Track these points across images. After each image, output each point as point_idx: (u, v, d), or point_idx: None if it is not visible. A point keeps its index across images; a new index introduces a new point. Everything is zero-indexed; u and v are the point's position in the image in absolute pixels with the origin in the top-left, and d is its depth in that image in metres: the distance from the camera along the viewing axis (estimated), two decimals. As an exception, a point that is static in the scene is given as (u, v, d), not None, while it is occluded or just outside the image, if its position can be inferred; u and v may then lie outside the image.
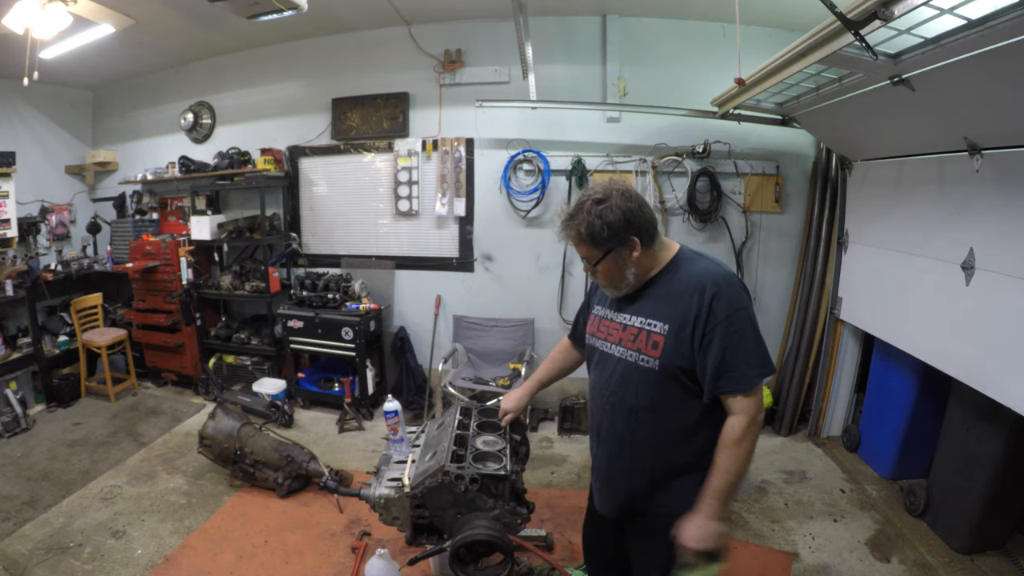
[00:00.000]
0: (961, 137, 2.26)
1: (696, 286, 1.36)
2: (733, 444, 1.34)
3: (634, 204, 1.39)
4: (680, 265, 1.45)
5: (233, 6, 2.80)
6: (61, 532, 2.72)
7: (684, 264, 1.44)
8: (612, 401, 1.50)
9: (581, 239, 1.42)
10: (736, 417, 1.34)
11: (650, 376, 1.41)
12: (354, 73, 4.36)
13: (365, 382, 4.07)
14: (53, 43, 3.39)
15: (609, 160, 3.97)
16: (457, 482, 1.63)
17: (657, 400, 1.42)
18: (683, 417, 1.42)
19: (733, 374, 1.32)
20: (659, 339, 1.39)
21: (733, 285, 1.37)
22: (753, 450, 1.36)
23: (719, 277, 1.37)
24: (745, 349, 1.33)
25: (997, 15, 1.55)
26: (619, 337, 1.49)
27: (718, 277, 1.37)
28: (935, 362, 2.56)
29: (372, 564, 2.13)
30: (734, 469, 1.34)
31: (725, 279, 1.37)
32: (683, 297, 1.38)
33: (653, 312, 1.43)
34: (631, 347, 1.44)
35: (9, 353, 4.08)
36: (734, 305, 1.34)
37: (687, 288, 1.38)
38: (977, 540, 2.49)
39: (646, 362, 1.41)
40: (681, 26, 3.84)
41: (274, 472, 3.03)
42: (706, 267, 1.42)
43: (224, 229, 4.46)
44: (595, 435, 1.63)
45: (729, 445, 1.34)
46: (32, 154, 4.83)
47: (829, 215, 3.66)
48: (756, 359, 1.34)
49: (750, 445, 1.35)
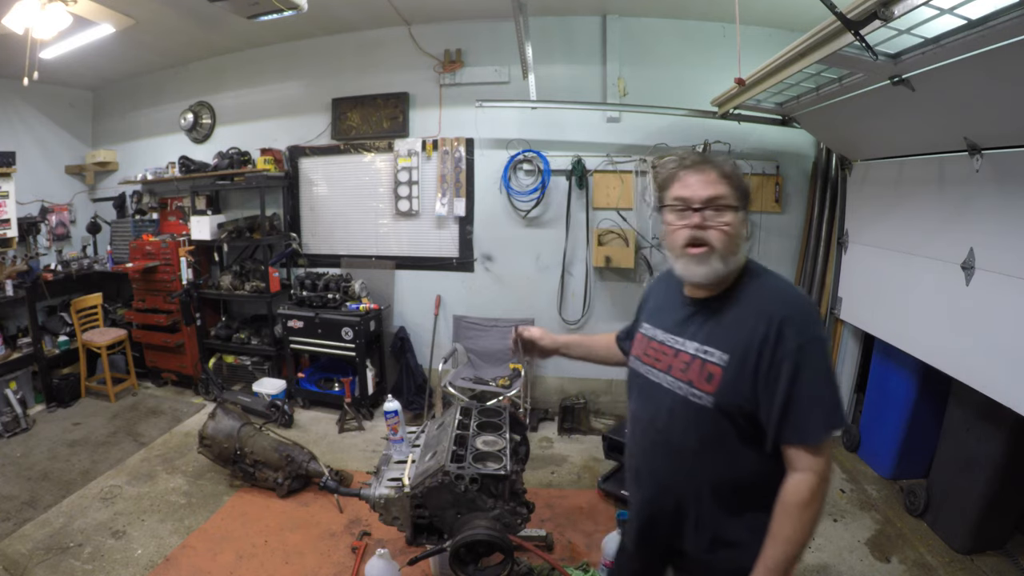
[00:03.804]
0: (961, 137, 2.26)
1: (766, 310, 1.14)
2: (798, 508, 1.09)
3: None
4: (750, 281, 1.22)
5: (233, 6, 2.80)
6: (61, 532, 2.72)
7: (755, 281, 1.22)
8: (656, 440, 1.29)
9: (726, 175, 1.19)
10: (801, 475, 1.09)
11: (702, 415, 1.17)
12: (354, 73, 4.36)
13: (365, 382, 4.07)
14: (53, 43, 3.38)
15: (609, 160, 3.97)
16: (457, 482, 1.63)
17: (708, 444, 1.19)
18: (737, 469, 1.19)
19: (800, 420, 1.09)
20: (715, 371, 1.16)
21: (809, 310, 1.17)
22: (819, 518, 1.11)
23: (793, 299, 1.16)
24: (816, 389, 1.09)
25: (997, 15, 1.55)
26: (668, 364, 1.26)
27: (792, 299, 1.16)
28: (935, 362, 2.56)
29: (372, 564, 2.13)
30: (797, 539, 1.09)
31: (801, 302, 1.16)
32: (748, 321, 1.15)
33: (711, 337, 1.19)
34: (682, 377, 1.22)
35: (9, 353, 4.08)
36: (807, 333, 1.11)
37: (756, 310, 1.16)
38: (977, 540, 2.49)
39: (698, 398, 1.18)
40: (681, 26, 3.84)
41: (274, 472, 3.03)
42: (781, 288, 1.20)
43: (224, 229, 4.46)
44: (633, 477, 1.42)
45: (793, 509, 1.09)
46: (32, 154, 4.82)
47: (829, 215, 3.66)
48: (828, 404, 1.10)
49: (817, 511, 1.10)
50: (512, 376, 3.84)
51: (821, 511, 1.11)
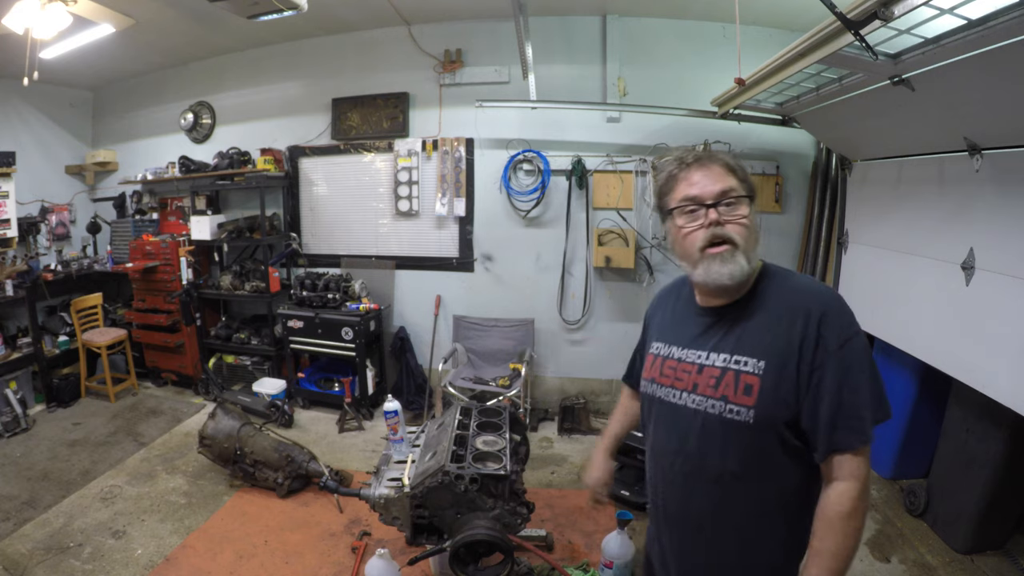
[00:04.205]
0: (961, 137, 2.26)
1: (798, 308, 1.06)
2: (842, 520, 1.00)
3: None
4: (770, 282, 1.13)
5: (233, 6, 2.80)
6: (61, 532, 2.72)
7: (776, 280, 1.13)
8: (686, 468, 1.15)
9: (732, 167, 1.12)
10: (844, 484, 1.01)
11: (743, 432, 1.06)
12: (354, 73, 4.36)
13: (365, 382, 4.07)
14: (53, 43, 3.38)
15: (609, 160, 3.97)
16: (457, 482, 1.64)
17: (751, 464, 1.08)
18: (783, 487, 1.09)
19: (852, 422, 1.01)
20: (753, 381, 1.05)
21: (843, 307, 1.07)
22: (864, 525, 1.03)
23: (826, 296, 1.08)
24: (863, 388, 1.03)
25: (997, 15, 1.54)
26: (693, 382, 1.14)
27: (825, 296, 1.07)
28: (935, 362, 2.56)
29: (372, 564, 2.13)
30: (844, 554, 1.00)
31: (833, 298, 1.08)
32: (781, 323, 1.06)
33: (741, 344, 1.09)
34: (714, 394, 1.10)
35: (9, 353, 4.08)
36: (847, 330, 1.04)
37: (785, 311, 1.07)
38: (977, 540, 2.49)
39: (736, 413, 1.06)
40: (681, 26, 3.84)
41: (274, 472, 3.03)
42: (807, 284, 1.12)
43: (224, 229, 4.46)
44: (658, 515, 1.26)
45: (837, 521, 1.00)
46: (32, 154, 4.82)
47: (829, 215, 3.65)
48: (876, 400, 1.04)
49: (862, 520, 1.02)
50: (512, 376, 3.84)
51: (864, 521, 1.03)
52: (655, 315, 1.37)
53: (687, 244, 1.13)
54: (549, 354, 4.26)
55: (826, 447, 1.02)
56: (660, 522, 1.26)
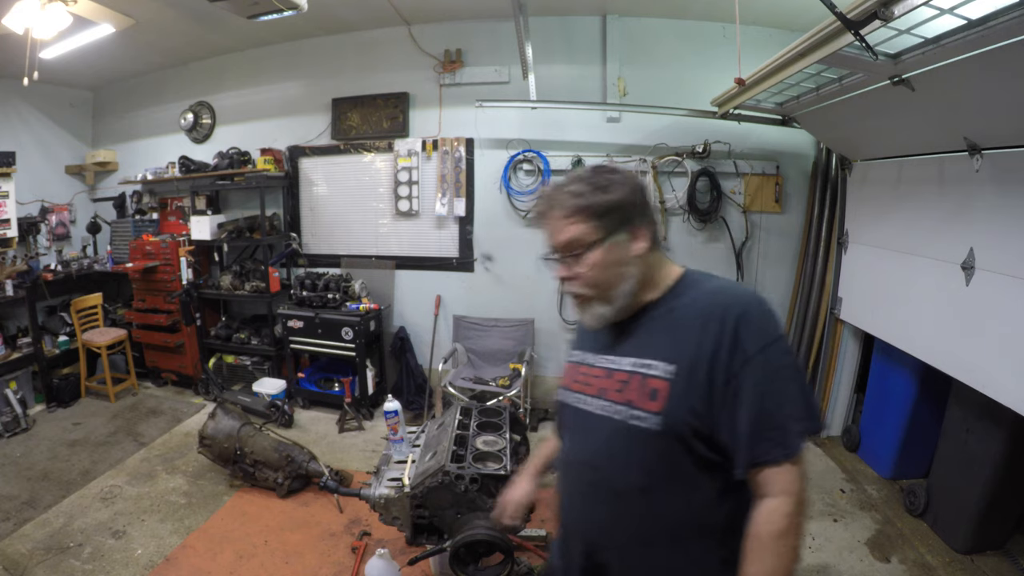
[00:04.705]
0: (961, 137, 2.26)
1: (713, 310, 0.98)
2: (774, 539, 0.90)
3: (643, 190, 1.08)
4: (688, 289, 1.06)
5: (233, 6, 2.80)
6: (61, 532, 2.72)
7: (693, 287, 1.06)
8: (589, 480, 1.06)
9: (569, 212, 1.02)
10: (775, 500, 0.91)
11: (647, 440, 0.97)
12: (354, 73, 4.36)
13: (365, 382, 4.07)
14: (53, 43, 3.38)
15: (609, 160, 3.97)
16: (457, 482, 1.64)
17: (657, 477, 0.98)
18: (694, 505, 0.99)
19: (776, 434, 0.91)
20: (660, 385, 0.97)
21: (763, 308, 0.98)
22: (800, 547, 0.93)
23: (745, 297, 0.99)
24: (789, 396, 0.93)
25: (997, 15, 1.55)
26: (600, 387, 1.06)
27: (744, 298, 0.99)
28: (935, 362, 2.56)
29: (372, 564, 2.13)
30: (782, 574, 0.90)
31: (753, 300, 0.99)
32: (694, 326, 0.98)
33: (650, 348, 1.02)
34: (619, 399, 1.02)
35: (9, 353, 4.08)
36: (769, 334, 0.95)
37: (700, 313, 0.99)
38: (977, 540, 2.49)
39: (641, 419, 0.97)
40: (681, 26, 3.84)
41: (274, 472, 3.03)
42: (725, 286, 1.04)
43: (224, 229, 4.46)
44: (563, 534, 1.16)
45: (769, 542, 0.91)
46: (32, 154, 4.82)
47: (829, 215, 3.65)
48: (803, 408, 0.94)
49: (797, 538, 0.92)
50: (512, 376, 3.84)
51: (800, 539, 0.93)
52: (579, 325, 1.28)
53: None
54: (549, 354, 4.26)
55: (746, 461, 0.93)
56: (567, 536, 1.15)
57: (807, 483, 0.94)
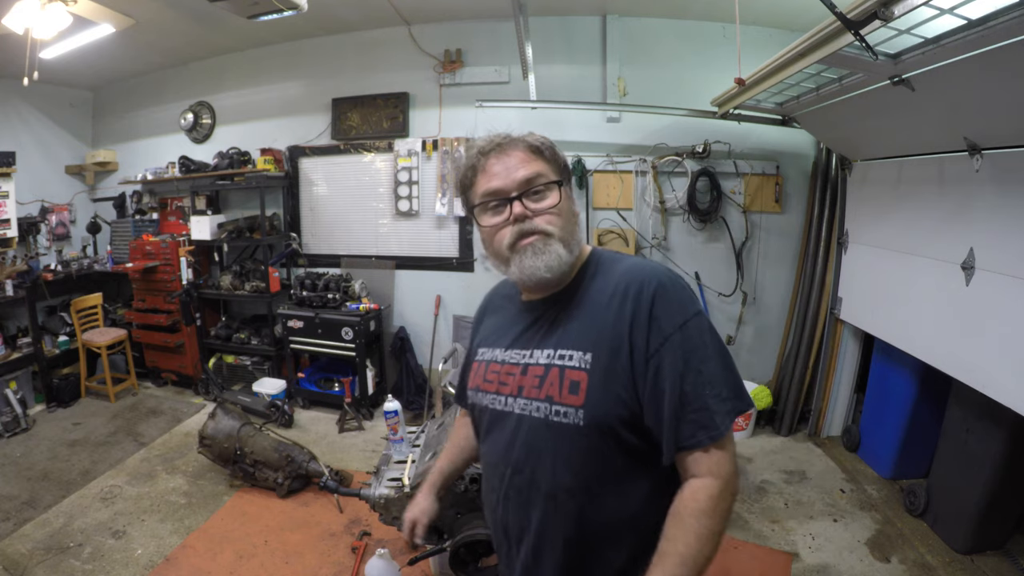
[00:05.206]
0: (961, 137, 2.26)
1: (625, 290, 0.93)
2: (695, 516, 0.85)
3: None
4: (598, 268, 1.02)
5: (233, 6, 2.80)
6: (61, 532, 2.72)
7: (603, 266, 1.02)
8: (517, 484, 0.99)
9: (532, 149, 1.00)
10: (700, 480, 0.87)
11: (572, 436, 0.92)
12: (354, 73, 4.36)
13: (365, 382, 4.07)
14: (53, 43, 3.38)
15: (609, 160, 3.97)
16: (457, 482, 1.64)
17: (586, 475, 0.93)
18: (629, 499, 0.94)
19: (697, 414, 0.87)
20: (579, 377, 0.92)
21: (678, 284, 0.95)
22: (722, 533, 0.87)
23: (657, 274, 0.94)
24: (710, 373, 0.89)
25: (997, 15, 1.55)
26: (518, 384, 0.99)
27: (656, 274, 0.94)
28: (935, 362, 2.56)
29: (372, 564, 2.13)
30: (695, 559, 0.84)
31: (666, 276, 0.95)
32: (609, 308, 0.94)
33: (565, 337, 0.96)
34: (538, 396, 0.96)
35: (9, 353, 4.08)
36: (686, 310, 0.91)
37: (612, 294, 0.94)
38: (977, 540, 2.49)
39: (564, 415, 0.92)
40: (681, 26, 3.84)
41: (274, 472, 3.03)
42: (635, 264, 0.99)
43: (224, 229, 4.46)
44: (502, 539, 1.07)
45: (689, 518, 0.86)
46: (32, 154, 4.82)
47: (829, 215, 3.65)
48: (728, 387, 0.90)
49: (722, 521, 0.86)
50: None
51: (724, 525, 0.86)
52: (481, 320, 1.21)
53: (496, 243, 1.00)
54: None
55: (671, 446, 0.88)
56: (502, 546, 1.08)
57: (736, 466, 0.89)
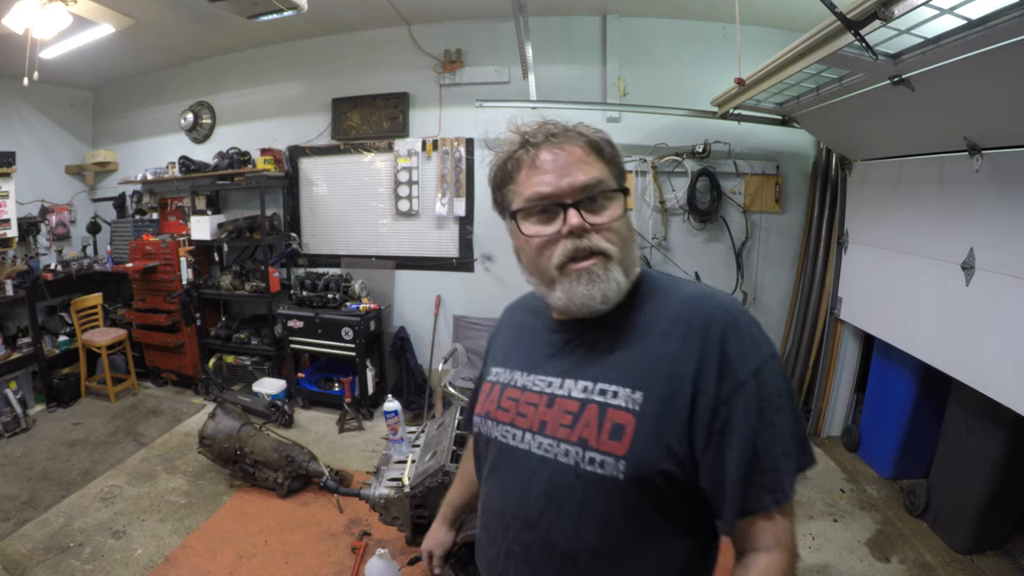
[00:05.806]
0: (961, 137, 2.26)
1: (688, 321, 0.77)
2: None
3: None
4: (652, 292, 0.84)
5: (233, 6, 2.80)
6: (61, 532, 2.72)
7: (659, 290, 0.84)
8: (524, 540, 0.81)
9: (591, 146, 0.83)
10: (767, 557, 0.73)
11: (608, 491, 0.75)
12: (354, 73, 4.36)
13: (365, 382, 4.07)
14: (53, 43, 3.38)
15: (609, 160, 3.97)
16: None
17: (616, 537, 0.76)
18: (663, 565, 0.78)
19: (768, 477, 0.72)
20: (626, 420, 0.75)
21: (750, 319, 0.79)
22: None
23: (725, 306, 0.79)
24: (783, 430, 0.74)
25: (997, 15, 1.54)
26: (539, 419, 0.82)
27: (724, 306, 0.79)
28: (935, 362, 2.56)
29: (372, 564, 2.13)
30: None
31: (737, 309, 0.79)
32: (666, 341, 0.77)
33: (609, 370, 0.79)
34: (568, 436, 0.78)
35: (9, 353, 4.08)
36: (760, 351, 0.76)
37: (672, 325, 0.78)
38: (977, 540, 2.49)
39: (600, 464, 0.75)
40: (681, 26, 3.84)
41: (274, 472, 3.03)
42: (699, 291, 0.82)
43: (224, 229, 4.46)
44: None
45: None
46: (32, 154, 4.82)
47: (829, 215, 3.65)
48: (795, 442, 0.75)
49: None
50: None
51: None
52: (498, 334, 1.05)
53: (540, 259, 0.83)
54: (549, 354, 4.26)
55: (736, 510, 0.73)
56: None
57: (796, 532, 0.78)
